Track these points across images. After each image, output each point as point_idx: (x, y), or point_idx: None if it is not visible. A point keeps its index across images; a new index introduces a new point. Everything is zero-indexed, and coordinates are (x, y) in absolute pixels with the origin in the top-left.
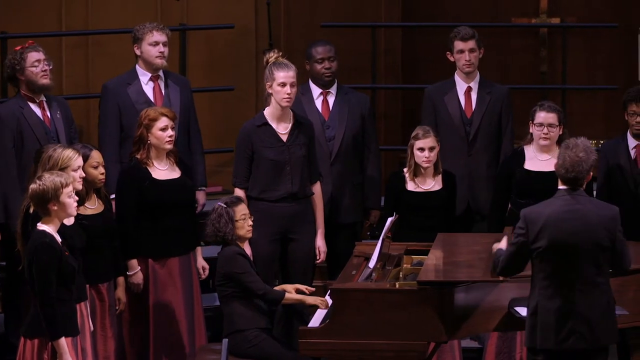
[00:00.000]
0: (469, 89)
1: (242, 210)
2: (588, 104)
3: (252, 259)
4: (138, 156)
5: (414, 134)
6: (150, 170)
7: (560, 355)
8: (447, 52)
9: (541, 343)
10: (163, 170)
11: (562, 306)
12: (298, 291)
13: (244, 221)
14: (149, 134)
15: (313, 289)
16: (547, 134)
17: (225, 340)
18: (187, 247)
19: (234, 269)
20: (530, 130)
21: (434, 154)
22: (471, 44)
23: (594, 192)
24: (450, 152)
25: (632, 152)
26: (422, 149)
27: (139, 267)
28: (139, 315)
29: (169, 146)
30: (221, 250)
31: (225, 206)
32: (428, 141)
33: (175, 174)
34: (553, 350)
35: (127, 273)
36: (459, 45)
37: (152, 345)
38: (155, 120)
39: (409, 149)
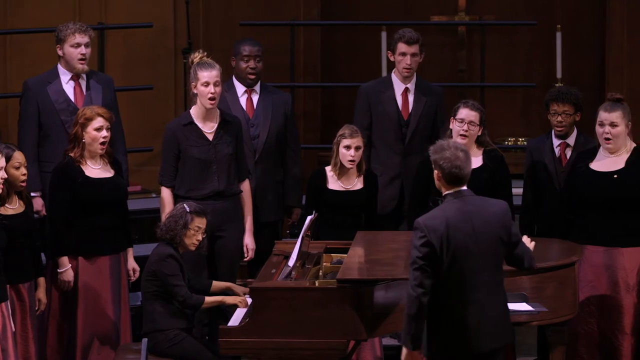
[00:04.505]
0: (407, 90)
1: (200, 223)
2: (506, 101)
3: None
4: (72, 154)
5: (341, 132)
6: (84, 168)
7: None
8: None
9: (457, 351)
10: (96, 169)
11: (475, 311)
12: (228, 291)
13: (195, 232)
14: (83, 133)
15: (247, 289)
16: (466, 130)
17: (144, 340)
18: (117, 247)
19: (163, 269)
20: (451, 126)
21: (359, 154)
22: (414, 48)
23: (514, 190)
24: (385, 152)
25: (557, 150)
26: (348, 147)
27: (70, 265)
28: (67, 313)
29: (100, 149)
30: (157, 247)
31: (188, 210)
32: (355, 140)
33: (108, 173)
34: (467, 357)
35: (58, 270)
36: (402, 47)
37: (80, 344)
38: (90, 119)
39: (334, 146)
